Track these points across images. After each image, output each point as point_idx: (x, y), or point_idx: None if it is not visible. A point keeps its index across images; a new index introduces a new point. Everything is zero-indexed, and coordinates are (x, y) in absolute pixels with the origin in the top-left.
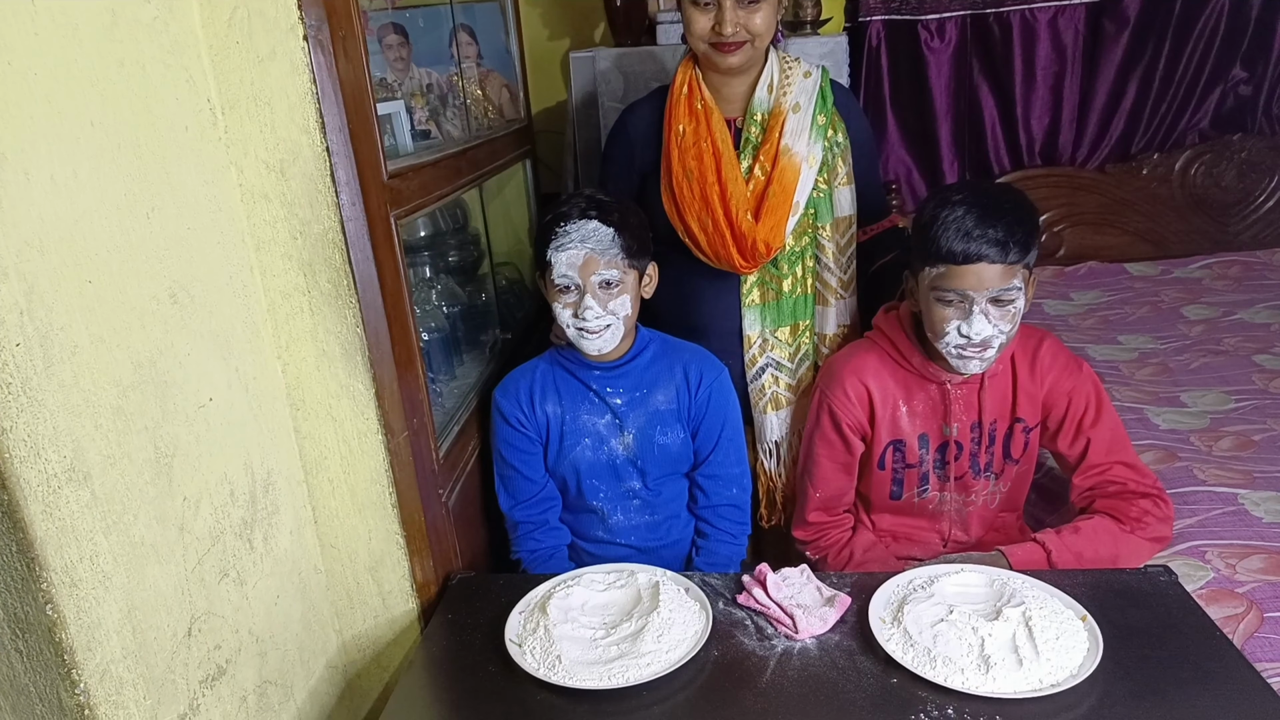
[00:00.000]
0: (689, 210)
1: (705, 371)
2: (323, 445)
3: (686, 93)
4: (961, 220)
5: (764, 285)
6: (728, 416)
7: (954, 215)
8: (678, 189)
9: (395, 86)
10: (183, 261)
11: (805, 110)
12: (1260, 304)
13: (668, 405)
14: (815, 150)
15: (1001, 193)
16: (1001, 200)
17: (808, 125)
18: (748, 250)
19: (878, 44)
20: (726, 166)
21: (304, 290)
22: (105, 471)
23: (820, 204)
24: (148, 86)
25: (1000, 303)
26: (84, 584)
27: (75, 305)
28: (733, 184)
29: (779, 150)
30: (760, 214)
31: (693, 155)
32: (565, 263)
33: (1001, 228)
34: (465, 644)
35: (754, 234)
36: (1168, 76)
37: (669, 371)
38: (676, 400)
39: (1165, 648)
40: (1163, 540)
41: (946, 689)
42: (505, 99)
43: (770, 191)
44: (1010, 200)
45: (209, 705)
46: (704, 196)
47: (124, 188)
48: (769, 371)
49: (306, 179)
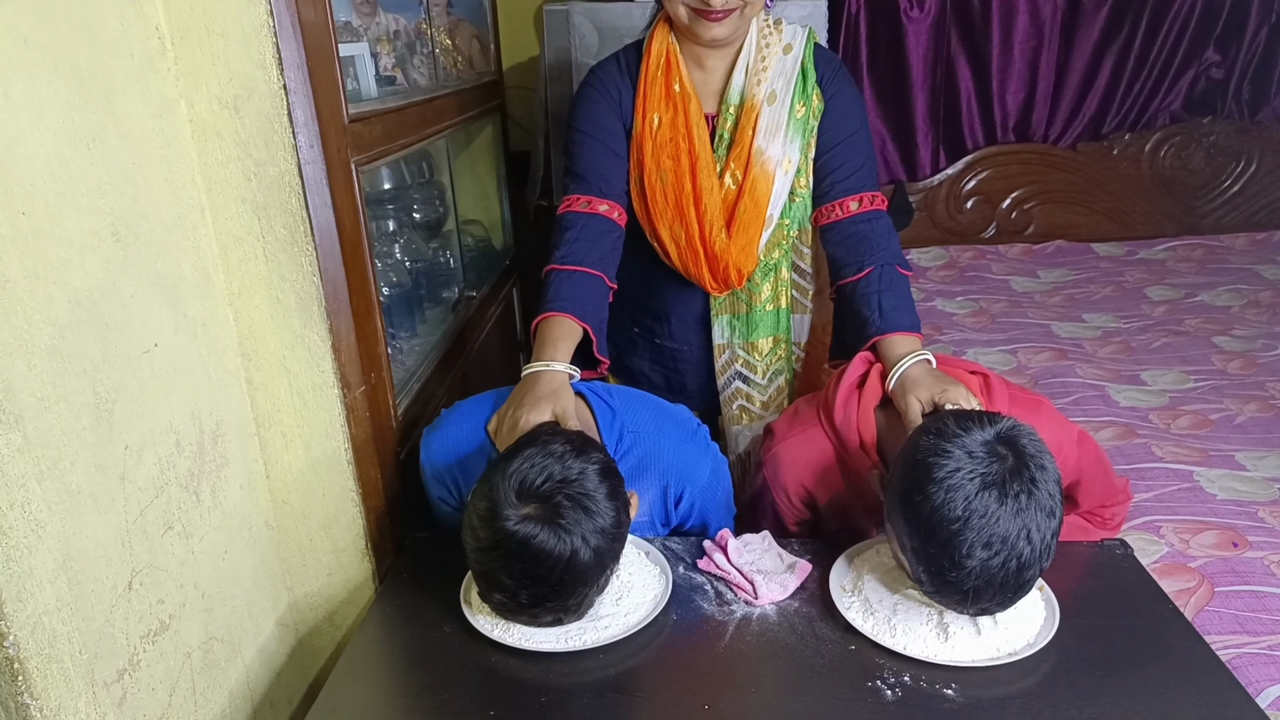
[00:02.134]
0: (661, 219)
1: (687, 488)
2: (276, 397)
3: (664, 71)
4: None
5: (734, 296)
6: (714, 512)
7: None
8: (650, 191)
9: (360, 31)
10: (126, 197)
11: (782, 100)
12: (1221, 287)
13: (641, 518)
14: (792, 151)
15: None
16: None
17: (784, 122)
18: (719, 273)
19: (857, 10)
20: (703, 173)
21: (258, 235)
22: (40, 415)
23: (798, 210)
24: (89, 6)
25: None
26: (14, 532)
27: (6, 236)
28: (708, 194)
29: (751, 154)
30: (732, 229)
31: (669, 153)
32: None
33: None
34: (420, 604)
35: (726, 256)
36: (1142, 57)
37: (645, 491)
38: (650, 513)
39: (1119, 619)
40: (1111, 531)
41: (905, 656)
42: (475, 50)
43: (741, 206)
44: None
45: (150, 660)
46: (678, 205)
47: (62, 114)
48: (736, 384)
49: (262, 117)
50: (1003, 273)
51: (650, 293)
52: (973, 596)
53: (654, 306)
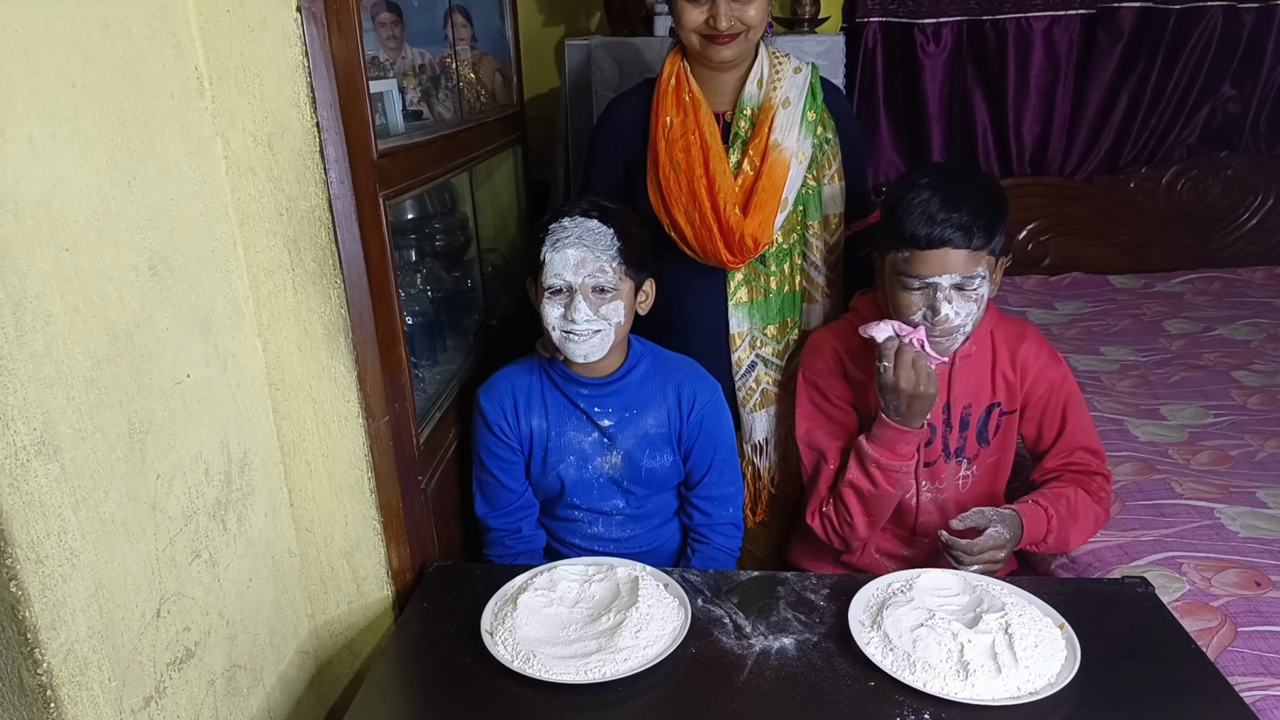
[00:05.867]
0: (675, 204)
1: (699, 393)
2: (301, 426)
3: (674, 84)
4: (926, 204)
5: (751, 283)
6: (721, 439)
7: (919, 199)
8: (664, 182)
9: (387, 66)
10: (164, 232)
11: (795, 106)
12: (1240, 320)
13: (658, 429)
14: (805, 146)
15: (968, 177)
16: (968, 185)
17: (798, 121)
18: (735, 245)
19: (874, 45)
20: (714, 159)
21: (288, 268)
22: (76, 445)
23: (809, 201)
24: (133, 50)
25: (963, 289)
26: (50, 560)
27: (50, 272)
28: (721, 177)
29: (768, 145)
30: (749, 209)
31: (680, 148)
32: (559, 262)
33: (966, 212)
34: (439, 633)
35: (741, 228)
36: (1159, 91)
37: (660, 392)
38: (668, 423)
39: (1141, 659)
40: (1108, 515)
41: (924, 694)
42: (498, 83)
43: (759, 186)
44: (977, 185)
45: (176, 688)
46: (691, 189)
47: (105, 154)
48: (759, 369)
49: (294, 154)
50: (1019, 304)
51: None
52: (923, 214)
53: (677, 321)
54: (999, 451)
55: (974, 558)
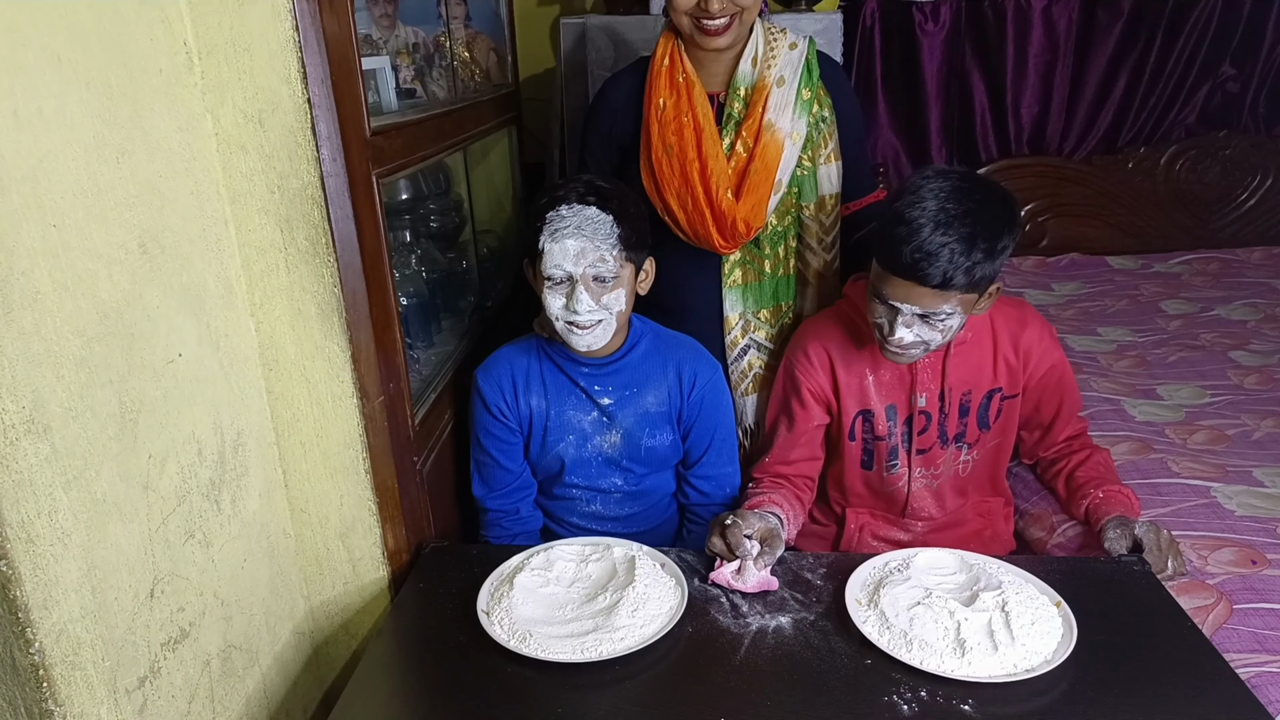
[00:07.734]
0: (668, 187)
1: (699, 371)
2: (295, 407)
3: (668, 65)
4: (915, 233)
5: (746, 266)
6: (721, 418)
7: (911, 225)
8: (657, 165)
9: (380, 44)
10: (153, 210)
11: (790, 84)
12: (1237, 301)
13: (658, 407)
14: (799, 126)
15: (976, 212)
16: (969, 220)
17: (792, 100)
18: (727, 230)
19: (872, 24)
20: (707, 142)
21: (280, 246)
22: (66, 425)
23: (804, 182)
24: (120, 24)
25: (928, 319)
26: (41, 540)
27: (38, 249)
28: (713, 160)
29: (762, 126)
30: (741, 192)
31: (673, 130)
32: (559, 253)
33: (948, 254)
34: (436, 614)
35: (734, 213)
36: (1158, 70)
37: (661, 370)
38: (668, 402)
39: (1137, 636)
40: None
41: (921, 671)
42: (493, 62)
43: (752, 169)
44: (980, 222)
45: (170, 668)
46: (684, 173)
47: (92, 129)
48: (752, 352)
49: (286, 131)
50: (1017, 285)
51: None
52: (919, 240)
53: (671, 304)
54: (1000, 435)
55: (1170, 561)
